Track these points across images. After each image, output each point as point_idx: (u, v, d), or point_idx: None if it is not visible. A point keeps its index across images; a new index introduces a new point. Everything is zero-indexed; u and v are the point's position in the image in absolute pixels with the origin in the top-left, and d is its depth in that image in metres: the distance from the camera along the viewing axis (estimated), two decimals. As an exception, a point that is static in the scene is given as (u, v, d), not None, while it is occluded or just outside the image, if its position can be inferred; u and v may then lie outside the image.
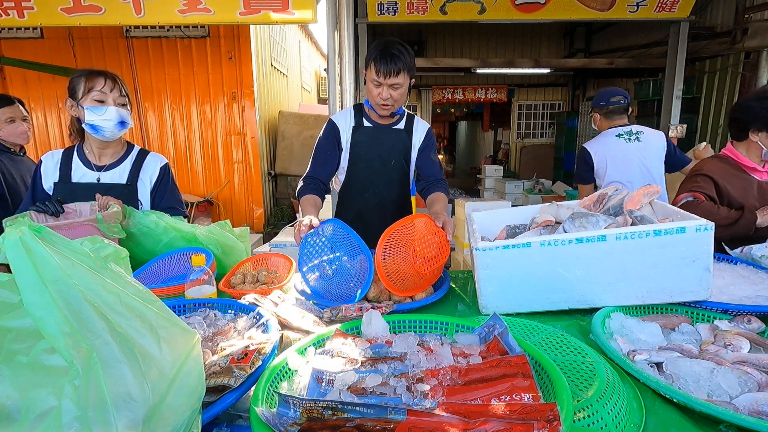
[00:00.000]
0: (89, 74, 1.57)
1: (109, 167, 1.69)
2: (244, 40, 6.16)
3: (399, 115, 1.91)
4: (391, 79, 1.67)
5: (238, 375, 0.74)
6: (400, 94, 1.74)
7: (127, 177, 1.70)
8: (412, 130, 1.92)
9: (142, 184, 1.73)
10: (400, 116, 1.92)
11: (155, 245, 1.63)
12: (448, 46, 9.26)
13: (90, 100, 1.55)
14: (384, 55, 1.65)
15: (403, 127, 1.92)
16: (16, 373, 0.53)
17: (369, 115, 1.90)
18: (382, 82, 1.68)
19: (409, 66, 1.69)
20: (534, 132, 10.58)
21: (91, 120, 1.56)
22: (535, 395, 0.68)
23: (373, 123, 1.90)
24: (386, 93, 1.71)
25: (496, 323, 0.88)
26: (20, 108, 2.23)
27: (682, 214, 1.21)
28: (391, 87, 1.70)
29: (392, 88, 1.70)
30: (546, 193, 7.59)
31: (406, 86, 1.74)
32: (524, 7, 4.40)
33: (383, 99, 1.72)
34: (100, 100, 1.56)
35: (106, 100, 1.57)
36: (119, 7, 3.90)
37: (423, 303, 1.27)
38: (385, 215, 1.92)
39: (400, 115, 1.91)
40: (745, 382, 0.81)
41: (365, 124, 1.89)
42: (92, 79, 1.56)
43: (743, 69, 5.26)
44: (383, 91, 1.70)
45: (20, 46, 6.06)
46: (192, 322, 1.04)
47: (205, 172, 6.61)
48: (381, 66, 1.65)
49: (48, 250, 0.53)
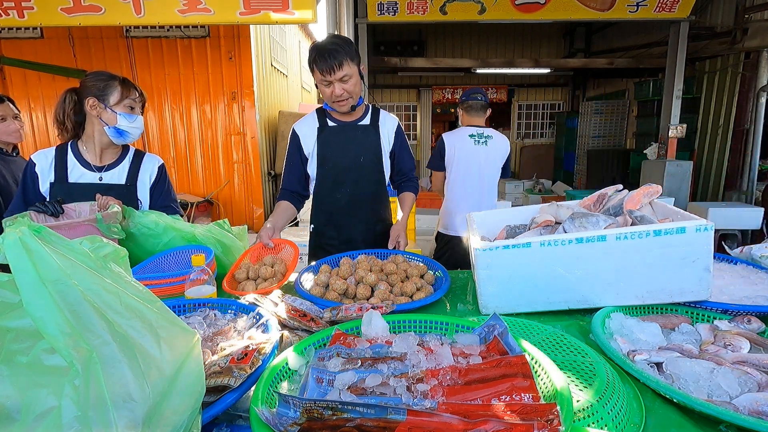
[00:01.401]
0: (124, 82, 1.65)
1: (110, 167, 1.70)
2: (244, 40, 6.16)
3: (361, 108, 1.87)
4: (336, 74, 1.64)
5: (238, 375, 0.74)
6: (352, 85, 1.70)
7: (126, 177, 1.72)
8: (379, 125, 1.88)
9: (142, 183, 1.75)
10: (364, 111, 1.89)
11: (155, 245, 1.63)
12: (448, 46, 9.26)
13: (123, 107, 1.63)
14: (321, 54, 1.63)
15: (369, 123, 1.88)
16: (16, 372, 0.53)
17: (332, 115, 1.87)
18: (330, 80, 1.66)
19: (350, 54, 1.66)
20: (534, 132, 10.59)
21: (122, 126, 1.63)
22: (535, 395, 0.68)
23: (336, 122, 1.86)
24: (339, 89, 1.68)
25: (496, 323, 0.88)
26: (10, 106, 2.21)
27: (682, 214, 1.21)
28: (341, 81, 1.67)
29: (342, 81, 1.67)
30: (546, 193, 7.59)
31: (355, 74, 1.71)
32: (524, 7, 4.40)
33: (337, 96, 1.70)
34: (132, 107, 1.66)
35: (136, 108, 1.68)
36: (119, 7, 3.90)
37: (423, 303, 1.27)
38: (357, 214, 1.90)
39: (362, 109, 1.88)
40: (745, 382, 0.81)
41: (329, 124, 1.86)
42: (128, 88, 1.65)
43: (743, 69, 5.26)
44: (335, 88, 1.68)
45: (20, 46, 6.05)
46: (192, 322, 1.04)
47: (205, 172, 6.61)
48: (322, 65, 1.63)
49: (47, 250, 0.53)
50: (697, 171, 5.97)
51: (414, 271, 1.44)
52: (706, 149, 5.96)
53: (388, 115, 1.94)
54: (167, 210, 1.73)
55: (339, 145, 1.85)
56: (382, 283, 1.39)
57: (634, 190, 1.41)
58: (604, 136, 8.48)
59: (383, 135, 1.89)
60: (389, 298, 1.32)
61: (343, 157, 1.85)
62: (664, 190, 4.86)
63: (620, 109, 8.38)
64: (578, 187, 8.36)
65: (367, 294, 1.36)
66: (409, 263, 1.52)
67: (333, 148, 1.85)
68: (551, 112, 10.38)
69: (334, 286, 1.35)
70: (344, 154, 1.85)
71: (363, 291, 1.35)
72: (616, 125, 8.44)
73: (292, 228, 4.18)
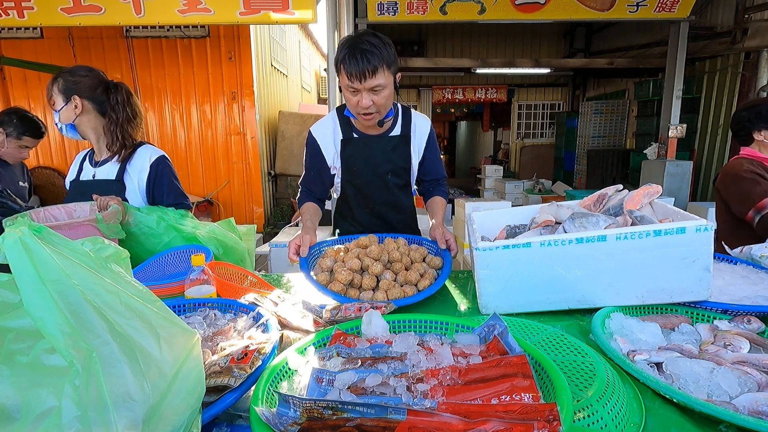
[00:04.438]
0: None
1: (103, 163, 1.70)
2: (244, 40, 6.17)
3: (390, 119, 1.59)
4: (368, 82, 1.34)
5: (237, 375, 0.74)
6: (384, 98, 1.40)
7: (116, 172, 1.67)
8: (411, 134, 1.64)
9: (129, 179, 1.67)
10: (393, 119, 1.62)
11: (155, 245, 1.63)
12: (448, 46, 9.27)
13: (51, 107, 1.66)
14: (353, 53, 1.32)
15: (400, 132, 1.64)
16: (16, 373, 0.53)
17: (356, 126, 1.62)
18: (358, 88, 1.36)
19: (388, 60, 1.36)
20: (534, 132, 10.59)
21: (58, 124, 1.64)
22: (535, 395, 0.68)
23: (361, 134, 1.61)
24: (366, 100, 1.38)
25: (496, 323, 0.88)
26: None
27: (682, 214, 1.21)
28: (372, 91, 1.37)
29: (373, 92, 1.37)
30: (546, 193, 7.60)
31: (390, 86, 1.41)
32: (524, 7, 4.40)
33: (364, 108, 1.40)
34: (53, 103, 1.63)
35: (56, 102, 1.62)
36: (119, 7, 3.90)
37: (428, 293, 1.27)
38: (381, 228, 1.74)
39: (391, 119, 1.60)
40: (745, 382, 0.81)
41: (354, 136, 1.61)
42: (50, 86, 1.61)
43: (743, 69, 5.26)
44: (363, 98, 1.38)
45: (20, 46, 6.06)
46: (192, 322, 1.04)
47: (205, 172, 6.62)
48: (351, 68, 1.33)
49: (47, 249, 0.53)
50: (697, 171, 5.98)
51: (416, 255, 1.41)
52: (706, 149, 5.96)
53: (420, 118, 1.68)
54: (177, 207, 1.69)
55: (365, 162, 1.63)
56: (387, 272, 1.34)
57: (634, 190, 1.41)
58: (604, 136, 8.49)
59: (414, 145, 1.66)
60: (394, 287, 1.28)
61: (369, 175, 1.65)
62: (664, 190, 4.86)
63: (620, 109, 8.39)
64: (578, 187, 8.37)
65: (373, 285, 1.30)
66: (409, 247, 1.45)
67: (358, 164, 1.64)
68: (551, 112, 10.38)
69: (339, 276, 1.28)
70: (371, 171, 1.64)
71: (368, 282, 1.29)
72: (616, 125, 8.45)
73: (294, 227, 4.17)
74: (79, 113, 1.62)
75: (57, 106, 1.60)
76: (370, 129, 1.61)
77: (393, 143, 1.62)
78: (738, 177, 1.90)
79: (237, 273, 1.46)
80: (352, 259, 1.34)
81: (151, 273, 1.59)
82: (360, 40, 1.35)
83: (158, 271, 1.61)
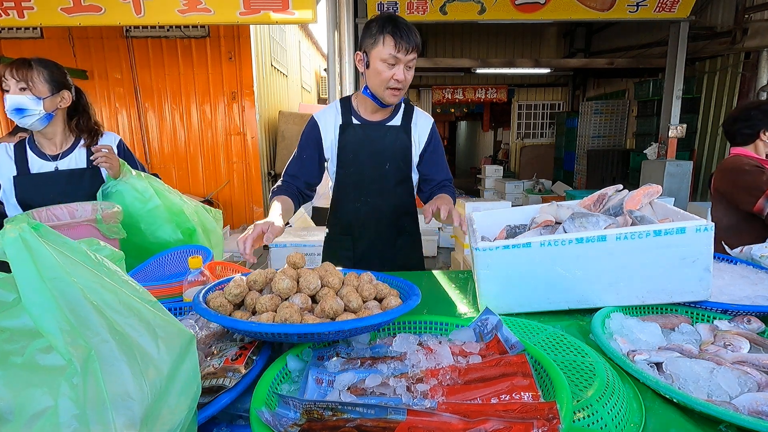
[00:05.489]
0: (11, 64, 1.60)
1: (65, 155, 1.72)
2: (244, 40, 6.16)
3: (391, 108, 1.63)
4: (410, 54, 1.43)
5: (232, 375, 0.74)
6: (411, 76, 1.50)
7: (86, 161, 1.72)
8: (411, 127, 1.63)
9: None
10: (395, 109, 1.64)
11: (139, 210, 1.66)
12: (448, 46, 9.27)
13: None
14: (399, 27, 1.40)
15: (400, 124, 1.63)
16: (10, 373, 0.53)
17: (357, 111, 1.62)
18: (401, 59, 1.43)
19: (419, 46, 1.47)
20: (534, 132, 10.60)
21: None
22: (535, 394, 0.68)
23: (362, 120, 1.61)
24: (401, 73, 1.44)
25: (489, 316, 0.89)
26: None
27: (682, 214, 1.21)
28: (407, 66, 1.46)
29: (408, 67, 1.47)
30: (546, 193, 7.60)
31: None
32: (524, 7, 4.40)
33: (398, 81, 1.45)
34: (6, 90, 1.60)
35: (10, 87, 1.58)
36: (119, 7, 3.90)
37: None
38: (377, 228, 1.68)
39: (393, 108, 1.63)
40: (744, 382, 0.81)
41: (353, 122, 1.61)
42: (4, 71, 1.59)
43: (743, 69, 5.26)
44: (399, 71, 1.44)
45: (20, 46, 6.05)
46: (185, 324, 1.03)
47: (205, 172, 6.61)
48: (400, 38, 1.39)
49: (47, 247, 0.53)
50: (697, 171, 5.97)
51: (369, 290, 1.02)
52: (706, 149, 5.96)
53: (422, 114, 1.69)
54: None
55: (362, 149, 1.60)
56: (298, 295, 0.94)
57: (634, 190, 1.41)
58: (604, 136, 8.49)
59: (414, 138, 1.64)
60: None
61: (365, 164, 1.61)
62: (664, 190, 4.86)
63: (620, 109, 8.39)
64: (578, 187, 8.37)
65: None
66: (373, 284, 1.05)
67: (354, 152, 1.61)
68: (551, 112, 10.39)
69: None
70: (367, 160, 1.61)
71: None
72: (616, 125, 8.45)
73: (298, 230, 4.12)
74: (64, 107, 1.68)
75: (40, 94, 1.59)
76: (373, 115, 1.62)
77: (392, 131, 1.63)
78: (741, 170, 1.90)
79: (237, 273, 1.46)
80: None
81: (151, 273, 1.59)
82: (397, 18, 1.44)
83: (158, 271, 1.61)
